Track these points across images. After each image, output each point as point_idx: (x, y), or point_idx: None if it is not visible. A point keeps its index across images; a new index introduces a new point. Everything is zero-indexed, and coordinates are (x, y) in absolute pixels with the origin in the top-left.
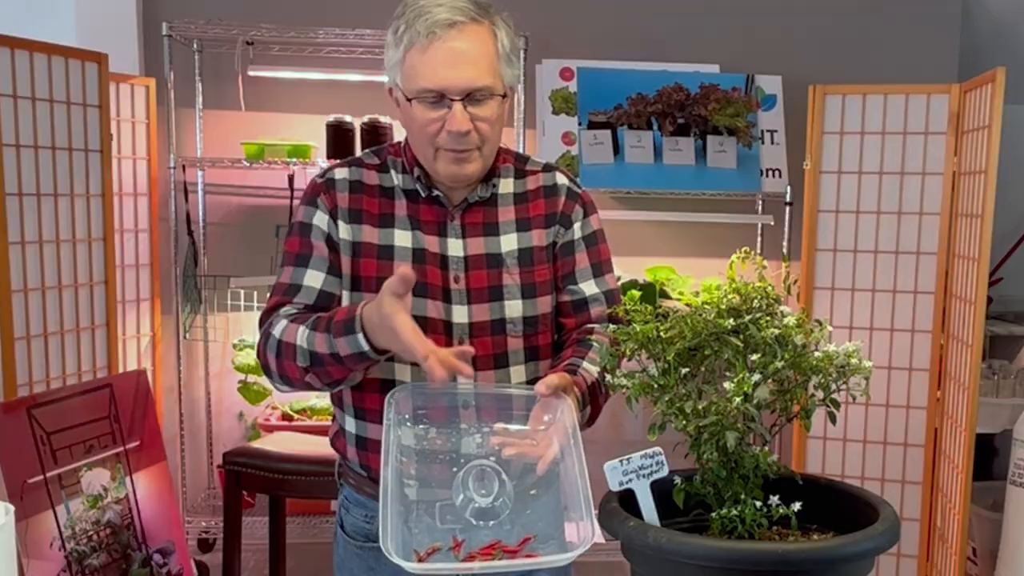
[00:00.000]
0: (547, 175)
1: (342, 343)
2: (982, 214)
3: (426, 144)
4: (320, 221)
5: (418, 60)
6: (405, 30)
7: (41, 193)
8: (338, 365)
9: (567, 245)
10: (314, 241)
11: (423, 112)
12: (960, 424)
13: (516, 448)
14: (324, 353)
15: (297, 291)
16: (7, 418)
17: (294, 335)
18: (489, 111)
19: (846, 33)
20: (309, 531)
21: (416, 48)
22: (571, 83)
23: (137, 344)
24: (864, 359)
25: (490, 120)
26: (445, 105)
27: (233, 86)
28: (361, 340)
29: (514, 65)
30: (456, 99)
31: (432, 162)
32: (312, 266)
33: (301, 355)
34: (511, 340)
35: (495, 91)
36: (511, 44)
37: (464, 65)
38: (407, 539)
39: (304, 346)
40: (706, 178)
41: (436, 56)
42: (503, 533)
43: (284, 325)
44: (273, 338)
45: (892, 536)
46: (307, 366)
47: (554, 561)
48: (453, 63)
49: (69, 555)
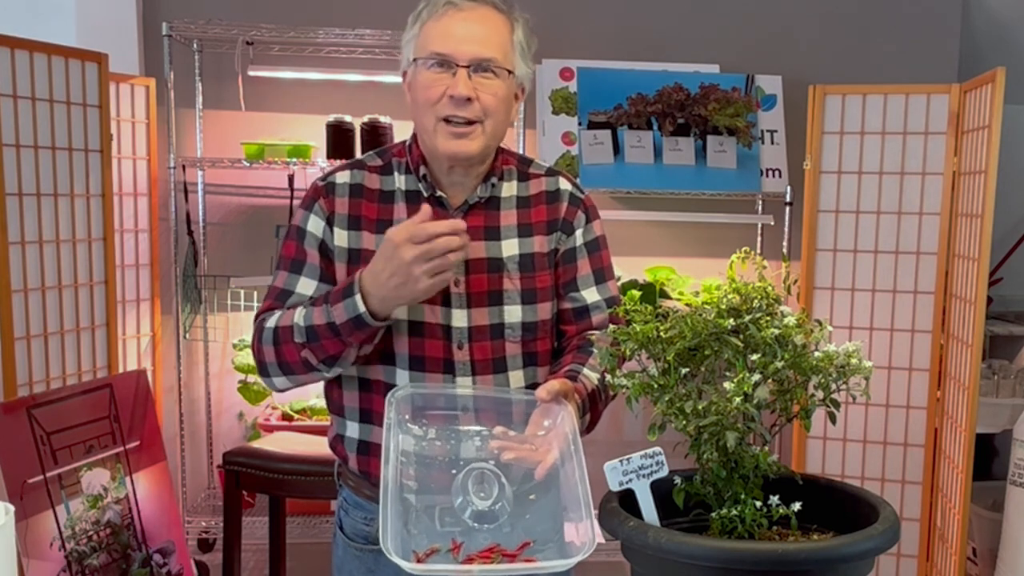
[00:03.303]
0: (550, 179)
1: (339, 309)
2: (982, 214)
3: (427, 113)
4: (315, 228)
5: (432, 26)
6: (425, 7)
7: (41, 193)
8: (334, 337)
9: (569, 252)
10: (307, 248)
11: (428, 76)
12: (960, 424)
13: (515, 452)
14: (321, 324)
15: (290, 296)
16: (7, 418)
17: (291, 317)
18: (495, 86)
19: (846, 33)
20: (309, 531)
21: (432, 18)
22: (571, 83)
23: (137, 344)
24: (864, 359)
25: (495, 95)
26: (450, 71)
27: (233, 86)
28: (358, 301)
29: (527, 62)
30: (462, 65)
31: (432, 136)
32: (305, 273)
33: (298, 332)
34: (509, 345)
35: (502, 65)
36: (527, 42)
37: (475, 36)
38: (406, 540)
39: (301, 323)
40: (706, 178)
41: (449, 24)
42: (502, 537)
43: (279, 315)
44: (268, 330)
45: (892, 536)
46: (303, 342)
47: (553, 567)
48: (464, 31)
49: (69, 555)
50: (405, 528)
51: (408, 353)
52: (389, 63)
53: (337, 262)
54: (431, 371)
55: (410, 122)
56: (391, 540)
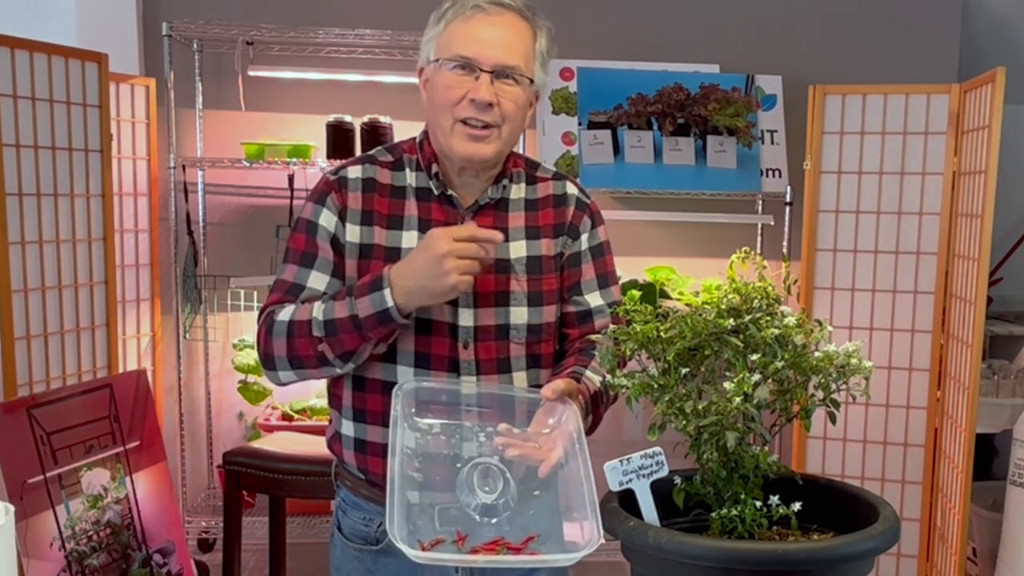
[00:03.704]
0: (557, 183)
1: (365, 302)
2: (982, 214)
3: (445, 114)
4: (327, 222)
5: (457, 28)
6: (450, 6)
7: (41, 193)
8: (354, 331)
9: (574, 256)
10: (319, 242)
11: (450, 77)
12: (960, 424)
13: (519, 450)
14: (343, 317)
15: (300, 291)
16: (7, 418)
17: (308, 311)
18: (515, 93)
19: (846, 33)
20: (309, 531)
21: (458, 19)
22: (571, 83)
23: (137, 344)
24: (864, 359)
25: (515, 102)
26: (473, 75)
27: (233, 86)
28: (387, 295)
29: (546, 70)
30: (485, 70)
31: (448, 136)
32: (317, 268)
33: (316, 326)
34: (514, 346)
35: (524, 73)
36: (548, 51)
37: (500, 41)
38: (412, 530)
39: (320, 317)
40: (706, 178)
41: (476, 27)
42: (505, 531)
43: (293, 308)
44: (281, 322)
45: (892, 536)
46: (322, 335)
47: (558, 560)
48: (490, 36)
49: (69, 555)
50: (410, 520)
51: (414, 350)
52: (389, 63)
53: (348, 258)
54: (436, 369)
55: (410, 122)
56: (397, 528)
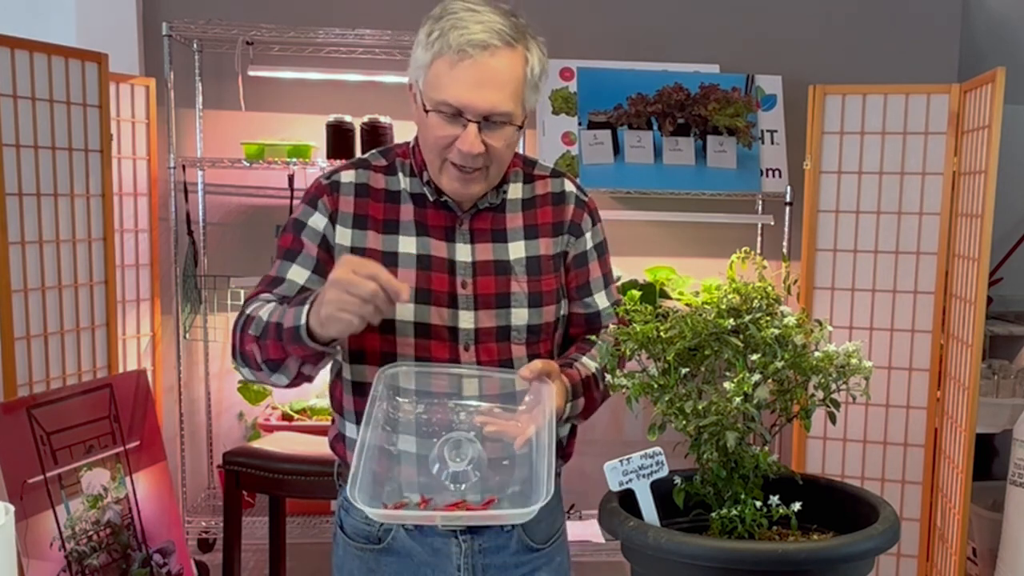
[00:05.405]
0: (555, 181)
1: (290, 313)
2: (982, 214)
3: (435, 155)
4: (316, 223)
5: (444, 72)
6: (438, 37)
7: (41, 193)
8: (276, 340)
9: (580, 256)
10: (305, 240)
11: (438, 125)
12: (960, 424)
13: (497, 426)
14: (273, 322)
15: (279, 284)
16: (7, 418)
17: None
18: (503, 137)
19: (846, 33)
20: (309, 531)
21: (445, 60)
22: (571, 83)
23: (137, 344)
24: (864, 359)
25: (504, 141)
26: (461, 123)
27: (233, 86)
28: (304, 311)
29: (539, 90)
30: (472, 120)
31: (438, 173)
32: (299, 262)
33: (255, 324)
34: (515, 347)
35: (514, 120)
36: (541, 70)
37: (488, 88)
38: (377, 494)
39: (263, 317)
40: (706, 178)
41: (463, 74)
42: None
43: (259, 304)
44: (244, 315)
45: (892, 536)
46: (255, 335)
47: (513, 516)
48: (478, 84)
49: (69, 555)
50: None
51: (414, 355)
52: (389, 63)
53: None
54: None
55: (410, 122)
56: (359, 491)
